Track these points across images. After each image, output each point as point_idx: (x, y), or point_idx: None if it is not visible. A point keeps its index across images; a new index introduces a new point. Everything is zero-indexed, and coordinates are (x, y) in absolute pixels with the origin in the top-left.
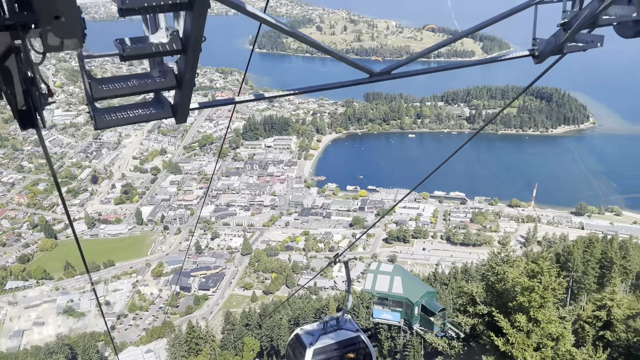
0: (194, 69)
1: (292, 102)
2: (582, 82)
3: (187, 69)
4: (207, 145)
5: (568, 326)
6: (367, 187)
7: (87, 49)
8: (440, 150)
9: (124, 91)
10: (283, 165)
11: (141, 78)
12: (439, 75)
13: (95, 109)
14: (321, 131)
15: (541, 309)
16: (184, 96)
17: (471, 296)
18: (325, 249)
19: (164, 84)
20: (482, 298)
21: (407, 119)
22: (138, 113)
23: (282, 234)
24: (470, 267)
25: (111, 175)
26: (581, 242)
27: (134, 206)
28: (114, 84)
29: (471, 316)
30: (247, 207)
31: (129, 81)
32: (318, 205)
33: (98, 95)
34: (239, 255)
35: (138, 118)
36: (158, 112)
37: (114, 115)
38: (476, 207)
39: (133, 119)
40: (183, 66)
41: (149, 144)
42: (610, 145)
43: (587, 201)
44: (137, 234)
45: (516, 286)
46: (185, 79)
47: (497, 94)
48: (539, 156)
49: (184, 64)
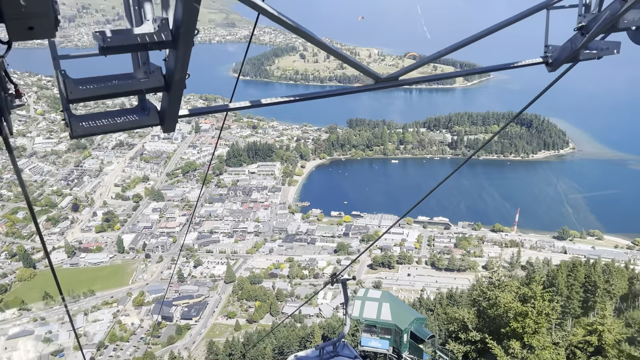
0: (185, 66)
1: (275, 128)
2: (560, 107)
3: (177, 67)
4: (190, 172)
5: (562, 352)
6: (351, 213)
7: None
8: (423, 176)
9: (104, 91)
10: (267, 191)
11: (124, 78)
12: (421, 102)
13: (72, 115)
14: (305, 157)
15: (535, 334)
16: (173, 100)
17: (463, 322)
18: (310, 275)
19: (150, 84)
20: (474, 324)
21: (390, 145)
22: (120, 120)
23: (266, 261)
24: (455, 292)
25: (92, 203)
26: (565, 266)
27: (116, 234)
28: (92, 84)
29: (463, 343)
30: (230, 233)
31: (110, 82)
32: (302, 231)
33: (74, 95)
34: (222, 283)
35: (120, 125)
36: (143, 118)
37: (92, 123)
38: (460, 232)
39: (114, 126)
40: (172, 63)
41: (132, 171)
42: (590, 170)
43: (568, 225)
44: (119, 262)
45: (509, 311)
46: (174, 79)
47: (478, 120)
48: (521, 181)
49: (173, 61)
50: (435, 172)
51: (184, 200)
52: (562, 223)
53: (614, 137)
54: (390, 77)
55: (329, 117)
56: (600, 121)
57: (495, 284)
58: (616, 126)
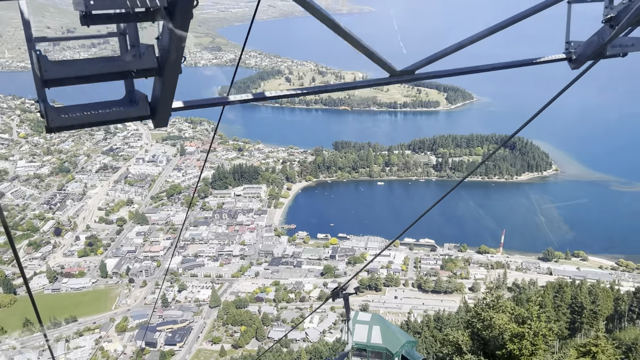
0: (182, 45)
1: (261, 150)
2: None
3: (172, 44)
4: (175, 195)
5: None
6: (337, 235)
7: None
8: (409, 198)
9: (87, 72)
10: (253, 214)
11: (110, 60)
12: (406, 125)
13: (48, 106)
14: (291, 179)
15: (532, 357)
16: (167, 87)
17: (457, 345)
18: (296, 299)
19: (142, 65)
20: (468, 346)
21: (375, 167)
22: (105, 111)
23: (252, 285)
24: (442, 315)
25: (75, 227)
26: (551, 287)
27: (99, 258)
28: (72, 66)
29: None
30: (215, 257)
31: (94, 64)
32: (288, 254)
33: (50, 75)
34: (207, 307)
35: (104, 117)
36: (131, 109)
37: (72, 114)
38: (446, 254)
39: (98, 117)
40: (167, 40)
41: (116, 194)
42: (574, 191)
43: (553, 247)
44: (101, 287)
45: (505, 333)
46: (169, 60)
47: (462, 142)
48: (506, 203)
49: (167, 38)
50: (421, 194)
51: (168, 223)
52: (547, 244)
53: (595, 158)
54: (406, 71)
55: (315, 139)
56: (581, 142)
57: (490, 305)
58: (597, 147)
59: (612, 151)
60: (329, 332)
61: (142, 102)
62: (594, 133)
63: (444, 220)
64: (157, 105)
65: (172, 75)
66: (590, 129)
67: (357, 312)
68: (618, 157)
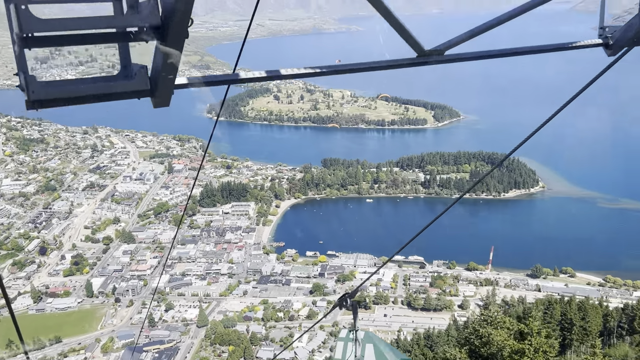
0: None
1: (250, 168)
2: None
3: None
4: (163, 213)
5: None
6: (326, 253)
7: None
8: (397, 215)
9: (72, 27)
10: (241, 231)
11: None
12: (394, 142)
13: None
14: (280, 197)
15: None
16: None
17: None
18: (285, 318)
19: (142, 21)
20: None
21: (364, 184)
22: (95, 85)
23: (240, 304)
24: (432, 332)
25: (61, 245)
26: (541, 304)
27: (85, 278)
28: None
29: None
30: (203, 276)
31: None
32: (277, 272)
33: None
34: (195, 327)
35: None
36: (127, 83)
37: (58, 87)
38: (435, 271)
39: (86, 90)
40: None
41: (102, 212)
42: (560, 208)
43: (541, 263)
44: (87, 307)
45: (504, 349)
46: (175, 18)
47: (449, 159)
48: (493, 219)
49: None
50: (410, 211)
51: (155, 242)
52: (535, 261)
53: (581, 175)
54: (435, 51)
55: (304, 156)
56: (567, 159)
57: (488, 321)
58: (583, 164)
59: (598, 168)
60: (318, 351)
61: (141, 75)
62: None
63: (432, 236)
64: (158, 79)
65: (177, 37)
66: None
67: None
68: (604, 174)
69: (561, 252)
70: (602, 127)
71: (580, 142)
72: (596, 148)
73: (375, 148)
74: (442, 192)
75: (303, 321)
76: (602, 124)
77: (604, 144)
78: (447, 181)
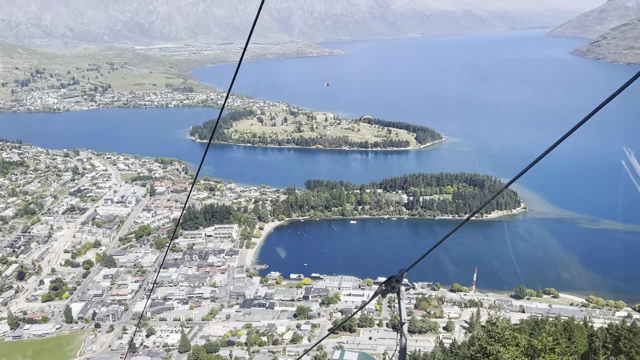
0: None
1: (233, 190)
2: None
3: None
4: (145, 237)
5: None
6: (311, 275)
7: None
8: (381, 236)
9: None
10: (224, 254)
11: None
12: (377, 164)
13: None
14: (263, 219)
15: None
16: None
17: None
18: (269, 342)
19: None
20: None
21: (348, 206)
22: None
23: (223, 328)
24: (418, 355)
25: (40, 270)
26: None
27: (64, 303)
28: None
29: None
30: (185, 300)
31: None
32: (261, 295)
33: None
34: (177, 352)
35: None
36: None
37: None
38: (419, 293)
39: None
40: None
41: (83, 236)
42: (541, 229)
43: (524, 284)
44: (66, 333)
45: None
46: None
47: (432, 181)
48: (477, 241)
49: None
50: (393, 232)
51: (137, 265)
52: (519, 282)
53: (561, 196)
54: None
55: (287, 178)
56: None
57: (496, 338)
58: (563, 186)
59: (578, 189)
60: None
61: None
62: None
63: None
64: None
65: None
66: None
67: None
68: (583, 195)
69: (544, 273)
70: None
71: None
72: (576, 169)
73: (359, 170)
74: (426, 213)
75: (287, 345)
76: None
77: (583, 165)
78: (430, 202)
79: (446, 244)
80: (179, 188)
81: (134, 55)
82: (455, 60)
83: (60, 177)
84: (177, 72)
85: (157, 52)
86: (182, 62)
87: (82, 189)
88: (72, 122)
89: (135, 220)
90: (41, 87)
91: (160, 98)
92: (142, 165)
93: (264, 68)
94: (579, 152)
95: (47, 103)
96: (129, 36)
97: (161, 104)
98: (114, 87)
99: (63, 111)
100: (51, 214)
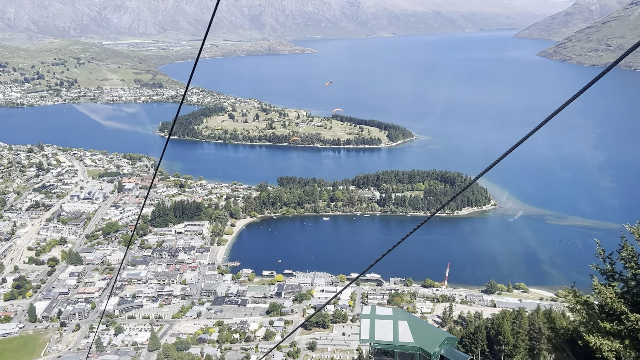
0: None
1: (204, 187)
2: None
3: None
4: (112, 234)
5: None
6: (283, 272)
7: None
8: (354, 233)
9: None
10: (195, 251)
11: None
12: (349, 161)
13: None
14: (235, 216)
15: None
16: None
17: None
18: (241, 339)
19: None
20: None
21: (321, 202)
22: None
23: (194, 326)
24: None
25: (2, 268)
26: (509, 314)
27: (27, 301)
28: None
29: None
30: (155, 297)
31: None
32: (232, 292)
33: None
34: (146, 351)
35: None
36: None
37: None
38: (392, 289)
39: None
40: None
41: (47, 233)
42: (511, 225)
43: (495, 279)
44: (30, 332)
45: None
46: None
47: (404, 178)
48: (448, 236)
49: None
50: (366, 229)
51: (104, 263)
52: (489, 277)
53: (530, 193)
54: None
55: (259, 175)
56: (516, 179)
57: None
58: (531, 184)
59: (546, 186)
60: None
61: None
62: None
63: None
64: None
65: None
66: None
67: (374, 306)
68: (552, 192)
69: (514, 268)
70: (551, 146)
71: (529, 160)
72: (544, 166)
73: (332, 167)
74: (398, 209)
75: (260, 342)
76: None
77: (552, 162)
78: (402, 199)
79: (418, 241)
80: (148, 184)
81: (102, 50)
82: (425, 60)
83: (24, 172)
84: (146, 67)
85: (125, 47)
86: (151, 58)
87: (47, 185)
88: (37, 117)
89: (103, 217)
90: (3, 81)
91: (128, 94)
92: (109, 161)
93: (234, 65)
94: (546, 151)
95: (10, 98)
96: (96, 31)
97: (130, 99)
98: (80, 82)
99: (27, 106)
100: (14, 210)
